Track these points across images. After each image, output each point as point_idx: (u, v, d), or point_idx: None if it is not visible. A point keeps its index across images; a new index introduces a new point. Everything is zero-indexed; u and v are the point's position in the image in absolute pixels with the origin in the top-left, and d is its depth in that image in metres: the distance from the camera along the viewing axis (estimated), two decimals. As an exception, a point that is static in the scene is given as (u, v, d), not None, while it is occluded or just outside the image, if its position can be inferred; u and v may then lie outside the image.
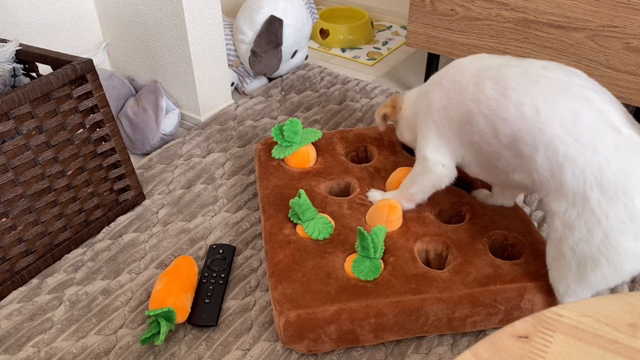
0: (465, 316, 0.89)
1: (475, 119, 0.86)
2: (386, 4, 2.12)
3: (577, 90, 0.79)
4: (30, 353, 0.90)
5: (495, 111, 0.83)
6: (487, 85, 0.85)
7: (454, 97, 0.90)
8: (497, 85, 0.84)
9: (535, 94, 0.80)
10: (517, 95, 0.81)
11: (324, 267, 0.91)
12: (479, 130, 0.86)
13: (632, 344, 0.46)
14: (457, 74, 0.91)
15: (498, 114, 0.83)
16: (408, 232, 0.98)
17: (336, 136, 1.22)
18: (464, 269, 0.90)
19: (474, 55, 0.94)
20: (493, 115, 0.84)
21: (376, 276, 0.88)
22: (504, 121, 0.82)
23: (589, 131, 0.76)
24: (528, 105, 0.80)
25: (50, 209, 1.03)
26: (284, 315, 0.85)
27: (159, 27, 1.38)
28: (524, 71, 0.83)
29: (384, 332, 0.88)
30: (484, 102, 0.85)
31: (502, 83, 0.83)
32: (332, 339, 0.87)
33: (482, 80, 0.86)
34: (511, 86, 0.82)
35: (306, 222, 0.97)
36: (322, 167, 1.14)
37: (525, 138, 0.80)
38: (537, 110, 0.79)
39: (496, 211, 1.02)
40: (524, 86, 0.81)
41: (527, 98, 0.80)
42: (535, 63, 0.85)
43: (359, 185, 1.09)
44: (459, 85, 0.89)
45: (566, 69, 0.83)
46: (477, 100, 0.86)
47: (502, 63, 0.87)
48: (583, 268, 0.79)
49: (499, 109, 0.83)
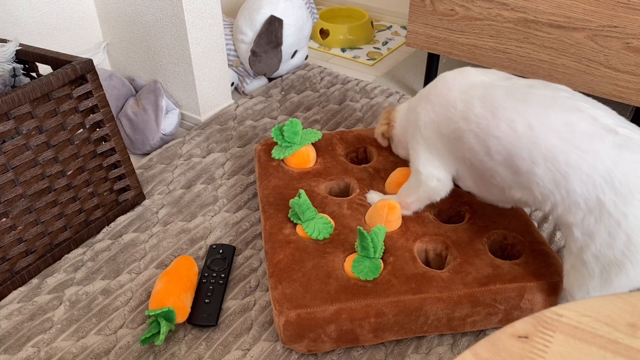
0: (465, 316, 0.89)
1: (466, 136, 0.87)
2: (386, 4, 2.12)
3: (566, 102, 0.80)
4: (30, 353, 0.90)
5: (485, 129, 0.84)
6: (475, 104, 0.85)
7: (442, 113, 0.90)
8: (486, 104, 0.84)
9: (525, 110, 0.81)
10: (507, 113, 0.82)
11: (323, 267, 0.91)
12: (470, 147, 0.87)
13: (632, 344, 0.46)
14: (444, 90, 0.91)
15: (489, 132, 0.84)
16: (407, 232, 0.98)
17: (336, 137, 1.22)
18: (464, 268, 0.90)
19: (459, 69, 0.94)
20: (484, 134, 0.84)
21: (376, 276, 0.88)
22: (496, 138, 0.83)
23: (587, 137, 0.76)
24: (520, 122, 0.80)
25: (50, 209, 1.03)
26: (284, 315, 0.85)
27: (159, 27, 1.38)
28: (511, 90, 0.84)
29: (384, 332, 0.88)
30: (473, 121, 0.85)
31: (491, 102, 0.84)
32: (332, 338, 0.87)
33: (471, 98, 0.87)
34: (500, 105, 0.83)
35: (306, 222, 0.97)
36: (322, 167, 1.14)
37: (520, 154, 0.81)
38: (529, 126, 0.80)
39: (495, 211, 1.02)
40: (514, 104, 0.82)
41: (518, 115, 0.81)
42: (521, 81, 0.87)
43: (358, 185, 1.09)
44: (447, 101, 0.90)
45: (551, 85, 0.85)
46: (466, 118, 0.86)
47: (489, 82, 0.88)
48: (607, 274, 0.77)
49: (489, 127, 0.83)
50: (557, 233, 1.12)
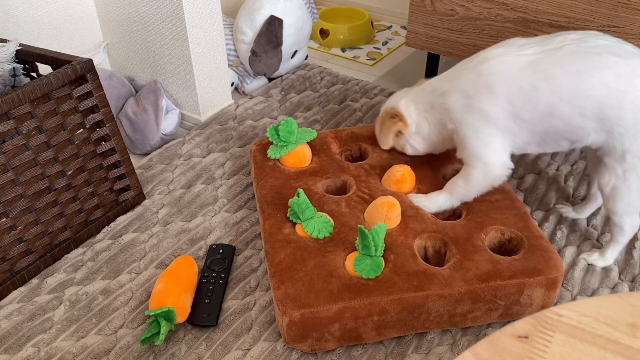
0: (466, 312, 0.89)
1: (559, 108, 0.91)
2: (386, 4, 2.12)
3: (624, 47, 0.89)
4: (30, 353, 0.90)
5: (578, 93, 0.89)
6: (556, 75, 0.90)
7: (520, 101, 0.93)
8: (566, 71, 0.90)
9: (607, 63, 0.88)
10: (594, 71, 0.88)
11: (325, 266, 0.91)
12: (563, 116, 0.92)
13: (632, 344, 0.46)
14: (508, 79, 0.93)
15: (582, 94, 0.89)
16: (407, 229, 0.98)
17: (330, 136, 1.22)
18: (464, 265, 0.90)
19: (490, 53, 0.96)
20: (577, 98, 0.90)
21: (378, 274, 0.88)
22: (589, 98, 0.89)
23: None
24: (609, 75, 0.87)
25: (50, 209, 1.03)
26: (288, 315, 0.85)
27: (159, 27, 1.38)
28: (576, 50, 0.90)
29: (387, 330, 0.89)
30: (565, 91, 0.90)
31: (569, 67, 0.89)
32: (335, 337, 0.87)
33: (548, 74, 0.91)
34: (581, 66, 0.89)
35: (306, 221, 0.97)
36: (318, 166, 1.14)
37: (610, 103, 0.88)
38: (617, 76, 0.87)
39: (492, 206, 1.02)
40: (593, 62, 0.88)
41: (605, 69, 0.88)
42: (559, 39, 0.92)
43: (355, 183, 1.09)
44: (522, 90, 0.92)
45: (590, 33, 0.92)
46: (556, 92, 0.90)
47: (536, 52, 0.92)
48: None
49: (582, 90, 0.89)
50: (558, 232, 1.12)
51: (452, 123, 1.00)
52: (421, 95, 1.06)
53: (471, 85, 0.96)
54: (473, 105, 0.96)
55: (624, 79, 0.87)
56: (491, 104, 0.95)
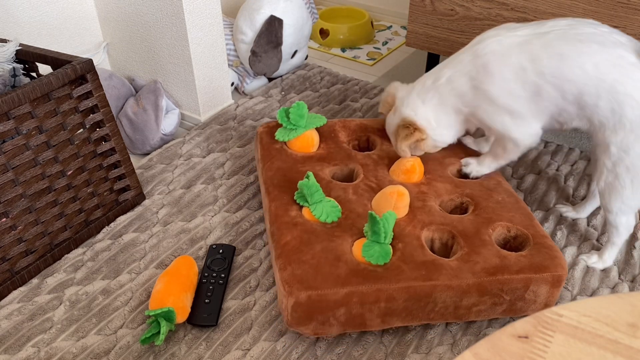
0: (472, 305, 0.90)
1: (545, 88, 0.95)
2: (386, 4, 2.12)
3: (610, 37, 0.91)
4: (30, 353, 0.90)
5: (560, 76, 0.93)
6: (542, 57, 0.93)
7: (512, 81, 0.96)
8: (551, 54, 0.93)
9: (588, 50, 0.90)
10: (575, 56, 0.91)
11: (333, 250, 0.90)
12: (549, 97, 0.95)
13: (632, 344, 0.46)
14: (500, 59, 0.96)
15: (563, 77, 0.92)
16: (415, 219, 0.98)
17: (338, 124, 1.22)
18: (472, 258, 0.91)
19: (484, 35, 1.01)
20: (559, 81, 0.93)
21: (386, 261, 0.88)
22: (570, 82, 0.92)
23: (636, 68, 0.89)
24: (588, 62, 0.90)
25: (50, 209, 1.03)
26: (294, 296, 0.84)
27: (159, 27, 1.38)
28: (561, 35, 0.93)
29: (392, 317, 0.89)
30: (547, 73, 0.93)
31: (553, 50, 0.93)
32: (340, 322, 0.87)
33: (533, 54, 0.94)
34: (565, 51, 0.92)
35: (314, 204, 0.97)
36: (325, 152, 1.14)
37: (589, 91, 0.91)
38: (596, 64, 0.89)
39: (499, 204, 1.02)
40: (576, 47, 0.91)
41: (585, 56, 0.90)
42: (549, 24, 0.96)
43: (363, 171, 1.09)
44: (512, 67, 0.96)
45: (583, 21, 0.95)
46: (540, 73, 0.94)
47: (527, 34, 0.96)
48: (638, 181, 0.93)
49: (563, 73, 0.92)
50: (558, 233, 1.12)
51: (466, 106, 1.03)
52: (425, 92, 1.06)
53: (471, 66, 0.99)
54: (478, 86, 0.99)
55: (602, 68, 0.89)
56: (490, 84, 0.98)
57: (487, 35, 1.00)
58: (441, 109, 1.05)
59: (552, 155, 1.34)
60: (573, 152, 1.35)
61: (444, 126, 1.07)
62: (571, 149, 1.36)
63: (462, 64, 1.01)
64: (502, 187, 1.07)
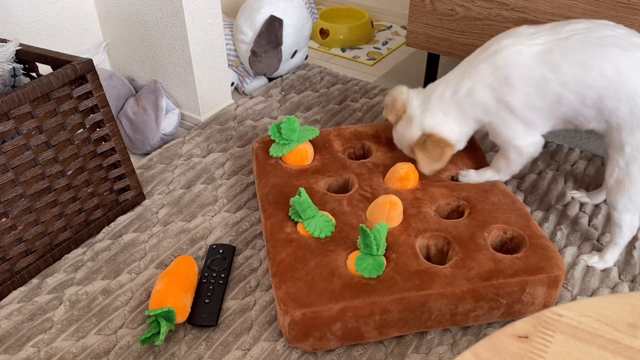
0: (468, 311, 0.89)
1: (566, 96, 0.95)
2: (386, 4, 2.12)
3: (629, 39, 0.91)
4: (30, 353, 0.90)
5: (581, 83, 0.93)
6: (562, 66, 0.93)
7: (534, 92, 0.97)
8: (572, 61, 0.93)
9: (609, 55, 0.90)
10: (597, 63, 0.91)
11: (327, 265, 0.91)
12: (569, 104, 0.96)
13: (632, 344, 0.46)
14: (522, 70, 0.96)
15: (585, 84, 0.93)
16: (409, 228, 0.98)
17: (332, 134, 1.22)
18: (466, 264, 0.90)
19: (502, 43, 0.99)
20: (580, 87, 0.93)
21: (379, 273, 0.88)
22: (591, 88, 0.92)
23: None
24: (609, 68, 0.90)
25: (50, 209, 1.03)
26: (289, 315, 0.85)
27: (159, 27, 1.38)
28: (582, 40, 0.93)
29: (388, 329, 0.89)
30: (570, 81, 0.93)
31: (574, 57, 0.92)
32: (337, 336, 0.87)
33: (555, 64, 0.94)
34: (586, 57, 0.92)
35: (307, 220, 0.97)
36: (320, 164, 1.14)
37: (610, 95, 0.91)
38: (617, 69, 0.90)
39: (495, 205, 1.02)
40: (597, 53, 0.91)
41: (606, 62, 0.90)
42: (569, 28, 0.95)
43: (357, 181, 1.09)
44: (535, 80, 0.96)
45: (601, 23, 0.94)
46: (563, 82, 0.94)
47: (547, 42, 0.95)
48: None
49: (584, 80, 0.92)
50: (558, 233, 1.12)
51: (487, 117, 1.03)
52: (445, 104, 1.04)
53: (492, 78, 0.99)
54: (499, 98, 0.99)
55: (624, 72, 0.89)
56: (512, 96, 0.98)
57: (505, 43, 0.98)
58: (463, 121, 1.05)
59: (552, 155, 1.34)
60: (573, 152, 1.35)
61: (465, 137, 1.08)
62: (571, 149, 1.36)
63: (481, 75, 1.00)
64: (498, 188, 1.07)
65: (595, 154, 1.34)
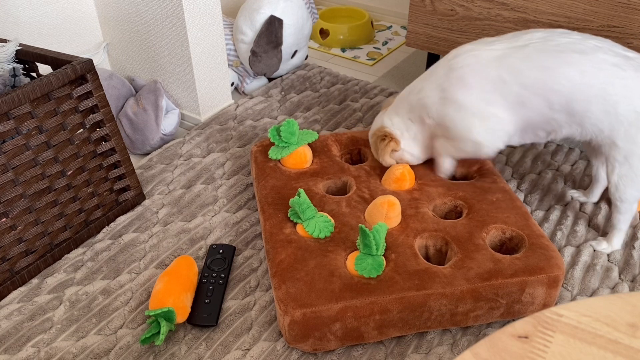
0: (468, 311, 0.89)
1: (529, 100, 0.95)
2: (386, 4, 2.12)
3: (587, 42, 0.93)
4: (30, 353, 0.90)
5: (544, 87, 0.93)
6: (522, 70, 0.94)
7: (491, 90, 0.96)
8: (532, 66, 0.93)
9: (571, 59, 0.92)
10: (558, 68, 0.92)
11: (326, 266, 0.91)
12: (535, 108, 0.96)
13: (632, 344, 0.46)
14: (479, 71, 0.97)
15: (548, 88, 0.93)
16: (407, 228, 0.98)
17: (331, 139, 1.23)
18: (465, 264, 0.90)
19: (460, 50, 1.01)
20: (545, 92, 0.93)
21: (379, 273, 0.88)
22: (556, 92, 0.93)
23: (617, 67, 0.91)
24: (573, 71, 0.91)
25: (50, 209, 1.03)
26: (289, 315, 0.85)
27: (159, 27, 1.38)
28: (541, 47, 0.94)
29: (388, 329, 0.89)
30: (531, 85, 0.94)
31: (535, 63, 0.93)
32: (337, 336, 0.87)
33: (513, 67, 0.94)
34: (547, 62, 0.93)
35: (306, 220, 0.97)
36: (318, 167, 1.15)
37: (577, 98, 0.92)
38: (581, 71, 0.91)
39: (493, 204, 1.02)
40: (558, 58, 0.92)
41: (569, 65, 0.91)
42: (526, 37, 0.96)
43: (355, 183, 1.10)
44: (492, 80, 0.96)
45: (556, 31, 0.96)
46: (523, 85, 0.94)
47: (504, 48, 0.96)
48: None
49: (547, 85, 0.93)
50: (558, 233, 1.12)
51: (429, 118, 1.04)
52: (399, 101, 1.10)
53: (444, 79, 1.00)
54: (447, 97, 1.00)
55: (589, 74, 0.91)
56: (465, 93, 0.98)
57: (463, 49, 1.01)
58: (411, 119, 1.08)
59: (552, 155, 1.34)
60: (573, 152, 1.35)
61: (412, 138, 1.09)
62: (571, 149, 1.36)
63: (435, 76, 1.03)
64: (498, 185, 1.08)
65: (595, 154, 1.34)
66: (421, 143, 1.09)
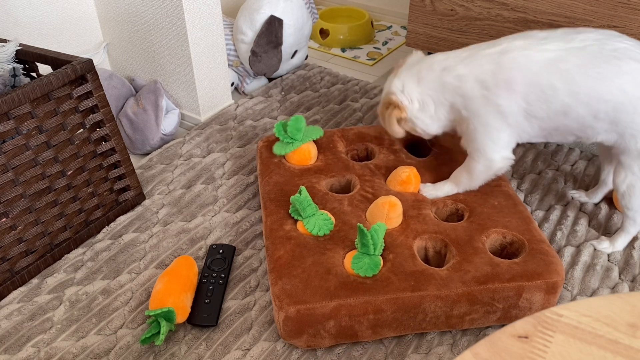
0: (464, 314, 0.89)
1: (574, 109, 0.91)
2: (386, 4, 2.12)
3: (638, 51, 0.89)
4: (30, 353, 0.90)
5: (595, 96, 0.89)
6: (576, 77, 0.89)
7: (537, 100, 0.92)
8: (586, 72, 0.89)
9: (627, 69, 0.87)
10: (614, 77, 0.88)
11: (323, 264, 0.91)
12: (577, 117, 0.92)
13: (632, 344, 0.46)
14: (529, 75, 0.92)
15: (599, 98, 0.89)
16: (407, 229, 0.98)
17: (337, 134, 1.22)
18: (463, 267, 0.90)
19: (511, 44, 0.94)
20: (593, 100, 0.90)
21: (375, 273, 0.88)
22: (606, 102, 0.89)
23: None
24: (628, 82, 0.88)
25: (50, 209, 1.03)
26: (284, 311, 0.85)
27: (159, 27, 1.38)
28: (597, 52, 0.89)
29: (383, 329, 0.89)
30: (582, 93, 0.90)
31: (592, 71, 0.89)
32: (331, 334, 0.87)
33: (568, 76, 0.90)
34: (604, 71, 0.88)
35: (306, 218, 0.97)
36: (323, 164, 1.14)
37: (626, 109, 0.89)
38: (636, 83, 0.87)
39: (495, 208, 1.02)
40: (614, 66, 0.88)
41: (625, 76, 0.88)
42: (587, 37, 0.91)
43: (359, 182, 1.09)
44: (541, 87, 0.91)
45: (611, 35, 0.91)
46: (574, 93, 0.90)
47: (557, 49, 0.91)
48: None
49: (599, 93, 0.89)
50: (558, 233, 1.12)
51: (466, 111, 0.98)
52: (427, 72, 1.00)
53: (490, 77, 0.93)
54: (490, 98, 0.94)
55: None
56: (508, 100, 0.94)
57: (514, 45, 0.93)
58: (434, 97, 1.00)
59: (552, 155, 1.34)
60: (573, 152, 1.35)
61: (428, 114, 1.02)
62: (571, 149, 1.36)
63: (480, 68, 0.95)
64: (501, 189, 1.07)
65: (595, 154, 1.34)
66: (440, 124, 1.04)
